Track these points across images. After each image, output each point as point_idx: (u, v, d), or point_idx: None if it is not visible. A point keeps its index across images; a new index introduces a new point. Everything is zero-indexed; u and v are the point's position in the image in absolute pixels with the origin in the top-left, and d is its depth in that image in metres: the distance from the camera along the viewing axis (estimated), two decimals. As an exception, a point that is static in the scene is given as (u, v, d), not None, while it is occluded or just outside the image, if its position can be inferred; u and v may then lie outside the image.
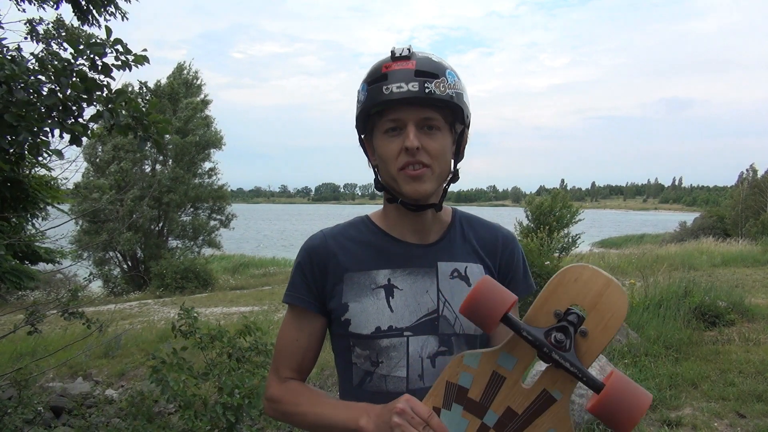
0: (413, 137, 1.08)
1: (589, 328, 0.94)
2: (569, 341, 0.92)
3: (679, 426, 4.31)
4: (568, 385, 0.96)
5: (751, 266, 13.65)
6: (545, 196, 17.51)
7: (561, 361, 0.91)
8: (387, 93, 1.08)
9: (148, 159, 22.97)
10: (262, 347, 3.21)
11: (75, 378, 7.07)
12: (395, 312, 1.16)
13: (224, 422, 2.78)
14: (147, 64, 2.81)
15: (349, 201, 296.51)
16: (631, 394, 0.86)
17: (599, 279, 0.95)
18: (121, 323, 10.47)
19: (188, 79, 24.04)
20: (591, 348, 0.94)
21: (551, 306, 0.97)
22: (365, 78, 1.14)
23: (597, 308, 0.94)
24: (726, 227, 30.76)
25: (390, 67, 1.10)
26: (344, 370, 1.22)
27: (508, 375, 0.99)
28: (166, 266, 19.10)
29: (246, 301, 14.10)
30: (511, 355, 0.99)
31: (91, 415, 4.90)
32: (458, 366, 1.02)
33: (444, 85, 1.08)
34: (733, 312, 7.12)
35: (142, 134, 2.85)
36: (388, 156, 1.12)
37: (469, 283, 1.20)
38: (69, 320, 4.07)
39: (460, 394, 1.01)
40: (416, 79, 1.07)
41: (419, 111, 1.09)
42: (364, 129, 1.19)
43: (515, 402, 0.98)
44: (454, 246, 1.23)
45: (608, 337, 0.93)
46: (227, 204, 25.56)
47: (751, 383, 5.05)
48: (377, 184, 1.21)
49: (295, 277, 1.23)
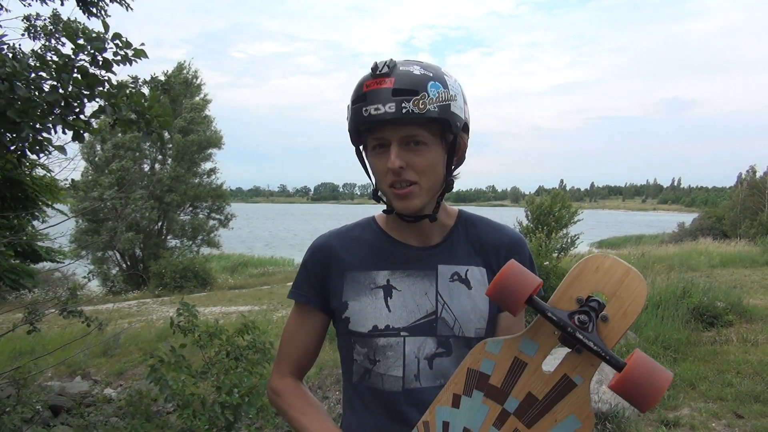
0: (394, 158, 1.08)
1: (609, 314, 0.97)
2: (592, 324, 0.95)
3: (677, 426, 4.32)
4: (588, 369, 0.98)
5: (750, 267, 13.66)
6: (544, 196, 17.50)
7: (585, 340, 0.93)
8: (366, 115, 1.07)
9: (148, 158, 22.98)
10: (260, 345, 3.21)
11: (74, 377, 7.07)
12: (393, 312, 1.18)
13: (223, 421, 2.79)
14: (146, 57, 2.81)
15: (348, 201, 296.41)
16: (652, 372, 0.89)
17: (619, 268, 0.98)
18: (120, 322, 10.46)
19: (188, 78, 24.03)
20: (611, 333, 0.96)
21: (573, 293, 0.99)
22: (351, 95, 1.13)
23: (617, 295, 0.97)
24: (724, 228, 30.82)
25: (369, 86, 1.08)
26: (346, 366, 1.25)
27: (529, 361, 1.01)
28: (164, 265, 19.09)
29: (245, 300, 14.10)
30: (533, 341, 1.01)
31: (89, 414, 4.91)
32: (480, 353, 1.05)
33: (424, 102, 1.05)
34: (731, 313, 7.13)
35: (145, 128, 2.86)
36: (378, 174, 1.14)
37: (470, 286, 1.21)
38: (68, 319, 4.07)
39: (481, 380, 1.03)
40: (393, 99, 1.05)
41: (401, 129, 1.08)
42: (358, 143, 1.20)
43: (536, 387, 1.00)
44: (456, 249, 1.24)
45: (628, 322, 0.96)
46: (226, 203, 25.55)
47: (749, 384, 5.06)
48: (374, 194, 1.23)
49: (300, 274, 1.27)
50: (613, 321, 0.97)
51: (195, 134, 22.46)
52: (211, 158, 24.05)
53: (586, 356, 0.97)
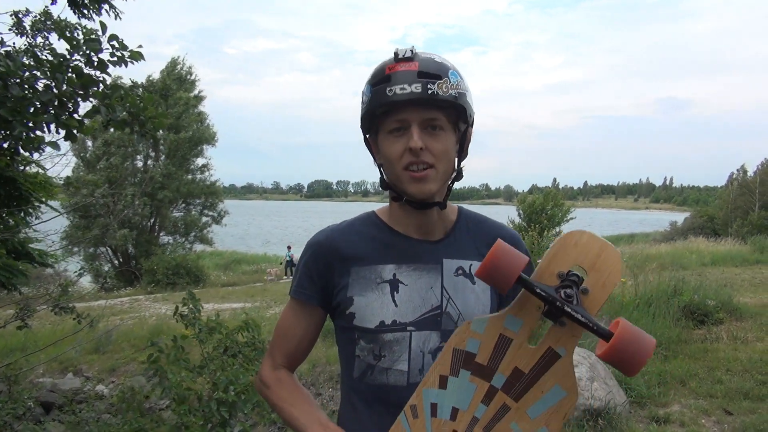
0: (417, 138, 1.10)
1: (589, 286, 1.02)
2: (576, 297, 1.00)
3: (667, 423, 4.36)
4: (572, 341, 1.02)
5: (740, 266, 13.78)
6: (537, 194, 17.56)
7: (574, 313, 0.97)
8: (390, 95, 1.09)
9: (140, 155, 22.87)
10: (259, 344, 3.21)
11: (65, 374, 7.05)
12: (399, 307, 1.17)
13: (218, 418, 2.79)
14: (142, 60, 2.80)
15: (341, 198, 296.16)
16: (638, 339, 0.93)
17: (596, 242, 1.04)
18: (112, 319, 10.43)
19: (182, 75, 23.94)
20: (592, 304, 1.01)
21: (554, 268, 1.04)
22: (369, 79, 1.15)
23: (596, 268, 1.03)
24: (716, 227, 31.01)
25: (393, 68, 1.11)
26: (346, 362, 1.24)
27: (514, 337, 1.04)
28: (157, 262, 19.04)
29: (238, 297, 14.08)
30: (517, 318, 1.05)
31: (81, 411, 4.90)
32: (465, 333, 1.07)
33: (447, 86, 1.10)
34: (722, 311, 7.18)
35: (139, 129, 2.85)
36: (392, 156, 1.14)
37: (473, 281, 1.22)
38: (59, 315, 4.05)
39: (468, 359, 1.06)
40: (419, 80, 1.09)
41: (423, 112, 1.11)
42: (369, 129, 1.20)
43: (522, 362, 1.04)
44: (459, 244, 1.25)
45: (606, 293, 1.02)
46: (219, 200, 25.49)
47: (738, 381, 5.11)
48: (382, 182, 1.22)
49: (301, 272, 1.26)
50: (593, 293, 1.02)
51: (186, 131, 22.36)
52: (203, 154, 23.97)
53: (569, 329, 1.01)
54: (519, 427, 1.03)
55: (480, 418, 1.04)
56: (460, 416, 1.05)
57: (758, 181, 32.83)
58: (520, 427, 1.03)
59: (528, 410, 1.03)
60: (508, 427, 1.03)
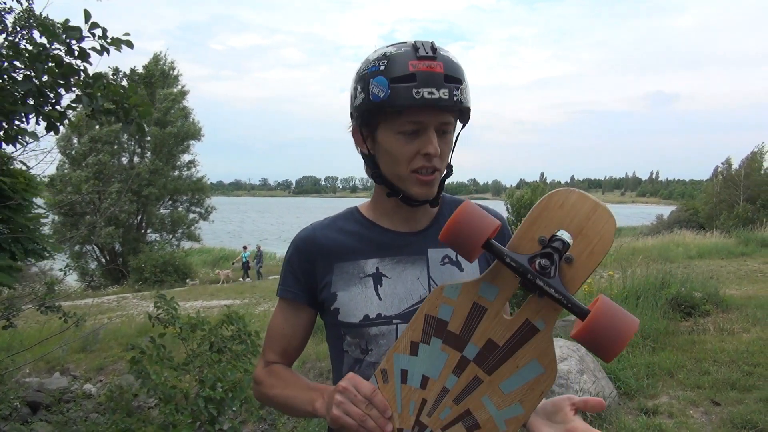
0: (436, 144, 1.08)
1: (574, 254, 0.91)
2: (554, 268, 0.90)
3: (656, 414, 4.39)
4: (552, 314, 0.93)
5: (726, 258, 13.91)
6: (525, 189, 17.61)
7: (545, 287, 0.89)
8: (417, 97, 1.03)
9: (126, 151, 22.65)
10: (245, 336, 3.18)
11: (52, 373, 6.97)
12: (384, 300, 1.16)
13: (206, 415, 2.76)
14: (130, 48, 2.74)
15: (330, 194, 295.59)
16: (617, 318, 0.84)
17: (586, 203, 0.92)
18: (100, 317, 10.34)
19: (164, 70, 23.73)
20: (576, 275, 0.91)
21: (535, 232, 0.93)
22: (384, 71, 1.06)
23: (583, 233, 0.91)
24: (701, 220, 31.32)
25: (417, 66, 1.05)
26: (336, 358, 1.24)
27: (489, 306, 0.97)
28: (144, 260, 18.89)
29: (227, 294, 14.01)
30: (493, 285, 0.97)
31: (68, 411, 4.83)
32: (438, 298, 1.00)
33: (466, 92, 1.09)
34: (708, 303, 7.24)
35: (124, 118, 2.80)
36: (401, 157, 1.10)
37: (461, 267, 1.20)
38: (46, 314, 3.99)
39: (440, 327, 0.99)
40: (446, 85, 1.05)
41: (440, 116, 1.08)
42: (369, 122, 1.13)
43: (497, 333, 0.96)
44: None
45: (594, 262, 0.91)
46: (206, 196, 25.36)
47: (725, 372, 5.16)
48: (377, 177, 1.18)
49: (285, 270, 1.24)
50: (578, 261, 0.91)
51: (172, 126, 22.19)
52: (190, 150, 23.81)
53: (549, 300, 0.91)
54: (491, 401, 0.96)
55: (450, 389, 0.99)
56: (430, 385, 0.99)
57: (743, 175, 33.17)
58: (492, 401, 0.96)
59: (501, 384, 0.96)
60: (479, 401, 0.97)
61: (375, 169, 1.17)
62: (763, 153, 34.11)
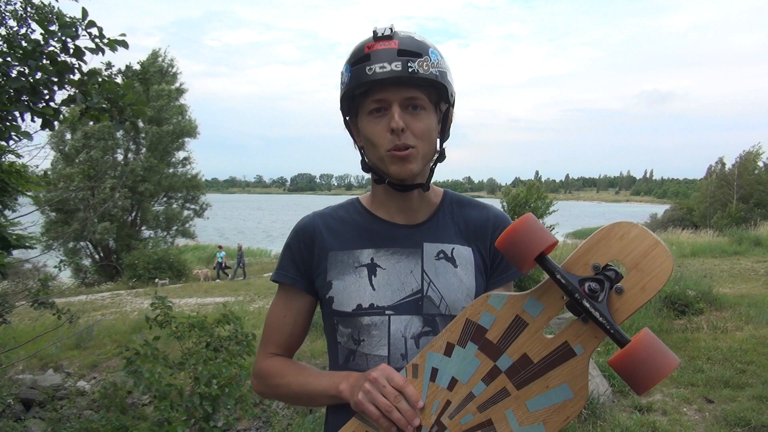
0: (398, 117, 1.08)
1: (626, 286, 0.91)
2: (603, 294, 0.90)
3: (650, 411, 4.41)
4: (592, 341, 0.93)
5: (719, 257, 13.99)
6: (521, 187, 17.63)
7: (591, 309, 0.89)
8: (370, 73, 1.06)
9: (121, 147, 22.55)
10: (241, 337, 3.18)
11: (45, 370, 6.95)
12: (377, 290, 1.16)
13: (201, 412, 2.75)
14: (124, 48, 2.72)
15: (325, 191, 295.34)
16: (658, 353, 0.84)
17: (647, 239, 0.91)
18: (93, 314, 10.30)
19: (163, 67, 23.63)
20: (624, 307, 0.91)
21: (591, 258, 0.93)
22: (348, 59, 1.13)
23: (638, 267, 0.91)
24: (695, 219, 31.47)
25: (372, 47, 1.08)
26: (331, 349, 1.23)
27: (531, 321, 0.98)
28: (138, 256, 18.81)
29: (221, 292, 13.98)
30: (539, 302, 0.97)
31: (62, 408, 4.83)
32: (482, 305, 1.01)
33: (427, 64, 1.08)
34: (702, 301, 7.29)
35: (118, 116, 2.78)
36: (374, 137, 1.11)
37: (456, 264, 1.19)
38: (39, 310, 3.97)
39: (478, 333, 1.01)
40: (399, 58, 1.06)
41: (403, 91, 1.08)
42: (349, 111, 1.18)
43: (533, 350, 0.97)
44: (442, 227, 1.23)
45: (645, 298, 0.90)
46: (201, 193, 25.29)
47: (718, 369, 5.19)
48: (363, 165, 1.21)
49: (284, 256, 1.25)
50: (628, 294, 0.91)
51: (168, 124, 22.09)
52: (185, 147, 23.72)
53: (592, 327, 0.92)
54: (515, 416, 0.97)
55: (477, 395, 1.00)
56: (458, 388, 1.01)
57: (736, 174, 33.33)
58: (515, 416, 0.97)
59: (528, 401, 0.97)
60: (502, 413, 0.98)
61: (363, 158, 1.20)
62: (759, 153, 34.27)
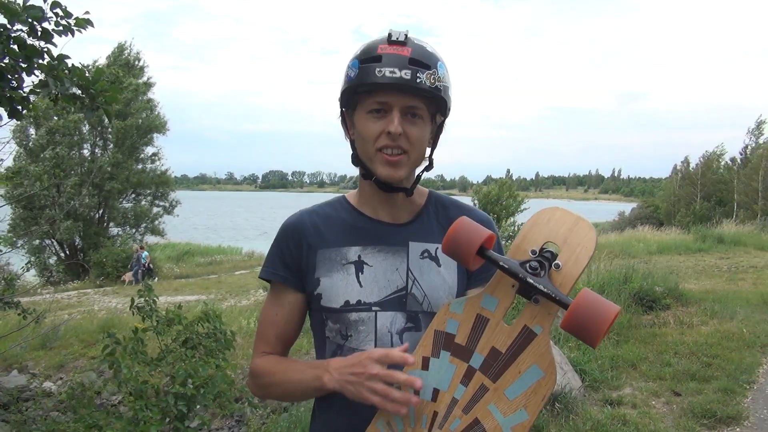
0: (398, 123, 1.12)
1: (561, 261, 1.01)
2: (544, 271, 1.00)
3: (620, 405, 4.50)
4: (547, 318, 1.01)
5: (684, 254, 14.35)
6: (492, 185, 17.82)
7: (535, 284, 0.97)
8: (379, 75, 1.10)
9: (87, 143, 21.98)
10: (220, 335, 3.13)
11: (10, 370, 6.74)
12: (364, 287, 1.20)
13: (175, 412, 2.71)
14: (90, 27, 2.64)
15: (297, 189, 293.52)
16: (597, 305, 0.92)
17: (569, 218, 1.04)
18: (60, 313, 10.03)
19: (129, 60, 23.13)
20: (566, 279, 1.01)
21: (527, 245, 1.04)
22: (358, 54, 1.15)
23: (568, 243, 1.02)
24: (660, 217, 32.24)
25: (386, 49, 1.12)
26: (319, 345, 1.27)
27: (491, 316, 1.05)
28: (106, 254, 18.42)
29: (192, 290, 13.78)
30: (493, 297, 1.05)
31: (27, 409, 4.69)
32: (445, 314, 1.08)
33: (434, 77, 1.12)
34: (669, 297, 7.47)
35: (89, 103, 2.70)
36: (368, 135, 1.15)
37: (439, 263, 1.23)
38: (3, 311, 3.87)
39: (448, 340, 1.07)
40: (410, 67, 1.10)
41: (407, 98, 1.12)
42: (348, 104, 1.20)
43: (499, 341, 1.04)
44: (426, 227, 1.27)
45: (580, 267, 1.01)
46: (171, 190, 24.86)
47: (685, 363, 5.33)
48: (354, 159, 1.23)
49: (272, 253, 1.27)
50: (565, 268, 1.01)
51: (134, 118, 21.57)
52: (153, 143, 23.24)
53: (544, 306, 1.01)
54: (498, 409, 1.02)
55: (459, 399, 1.05)
56: (441, 397, 1.06)
57: (700, 173, 34.28)
58: (498, 408, 1.02)
59: (506, 391, 1.02)
60: (486, 409, 1.03)
61: (354, 152, 1.23)
62: (722, 153, 35.31)
